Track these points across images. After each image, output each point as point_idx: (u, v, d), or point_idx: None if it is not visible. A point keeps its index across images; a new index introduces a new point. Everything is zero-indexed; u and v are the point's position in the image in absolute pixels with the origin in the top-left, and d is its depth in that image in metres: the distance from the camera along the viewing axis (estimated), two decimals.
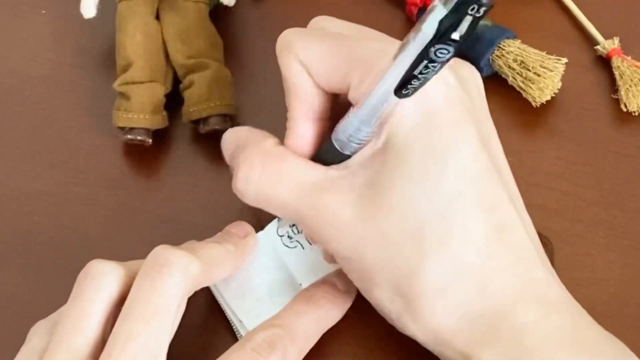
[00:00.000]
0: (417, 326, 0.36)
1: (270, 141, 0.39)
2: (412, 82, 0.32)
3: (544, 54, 0.47)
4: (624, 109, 0.47)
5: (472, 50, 0.48)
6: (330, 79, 0.38)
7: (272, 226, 0.42)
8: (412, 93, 0.33)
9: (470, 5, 0.28)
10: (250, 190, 0.38)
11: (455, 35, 0.30)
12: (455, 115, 0.36)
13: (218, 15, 0.49)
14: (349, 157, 0.37)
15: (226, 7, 0.48)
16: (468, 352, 0.35)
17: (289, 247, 0.42)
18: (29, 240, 0.45)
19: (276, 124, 0.48)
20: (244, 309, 0.40)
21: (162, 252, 0.36)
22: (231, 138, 0.42)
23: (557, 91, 0.47)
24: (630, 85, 0.47)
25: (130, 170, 0.47)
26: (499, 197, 0.36)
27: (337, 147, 0.37)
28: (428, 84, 0.33)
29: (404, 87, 0.32)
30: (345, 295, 0.40)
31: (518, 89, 0.47)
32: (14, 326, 0.39)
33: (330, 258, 0.40)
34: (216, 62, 0.47)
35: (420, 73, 0.31)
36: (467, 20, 0.29)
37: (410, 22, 0.51)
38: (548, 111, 0.47)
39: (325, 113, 0.39)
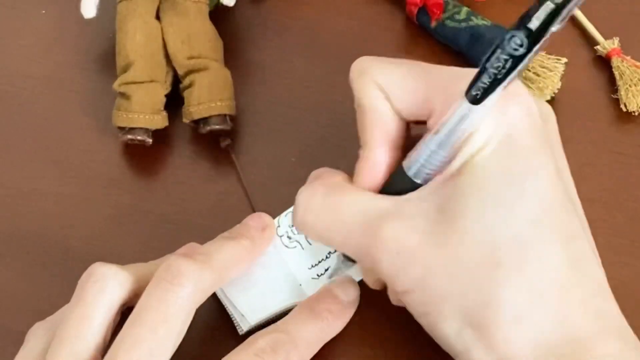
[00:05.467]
0: (490, 357, 0.34)
1: (338, 177, 0.38)
2: (482, 79, 0.31)
3: (543, 53, 0.47)
4: (624, 109, 0.47)
5: (471, 50, 0.48)
6: (411, 103, 0.36)
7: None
8: (482, 96, 0.32)
9: None
10: (309, 220, 0.37)
11: (531, 25, 0.29)
12: (536, 142, 0.35)
13: (218, 15, 0.49)
14: (418, 187, 0.36)
15: (226, 7, 0.48)
16: None
17: (288, 247, 0.42)
18: (28, 240, 0.45)
19: (276, 124, 0.48)
20: (247, 302, 0.40)
21: (175, 263, 0.36)
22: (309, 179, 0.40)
23: (556, 91, 0.47)
24: (630, 85, 0.47)
25: (130, 170, 0.47)
26: (574, 229, 0.35)
27: (409, 174, 0.36)
28: (510, 109, 0.33)
29: (473, 86, 0.32)
30: (348, 306, 0.40)
31: None
32: (14, 326, 0.39)
33: (381, 285, 0.39)
34: (216, 62, 0.47)
35: (491, 66, 0.31)
36: (546, 7, 0.29)
37: (410, 22, 0.51)
38: None
39: (400, 142, 0.38)
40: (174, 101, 0.47)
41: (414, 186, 0.36)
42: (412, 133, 0.38)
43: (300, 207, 0.38)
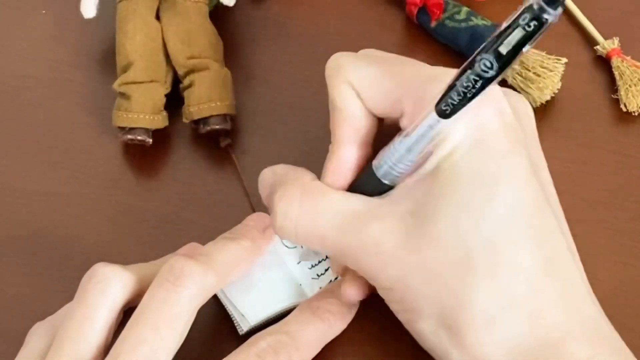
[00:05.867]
0: (464, 359, 0.34)
1: (308, 177, 0.38)
2: (451, 95, 0.32)
3: (543, 54, 0.47)
4: (624, 109, 0.47)
5: (471, 50, 0.48)
6: (382, 103, 0.37)
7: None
8: (451, 112, 0.32)
9: (522, 16, 0.28)
10: (289, 226, 0.37)
11: (502, 48, 0.29)
12: (508, 143, 0.35)
13: (218, 15, 0.49)
14: (388, 187, 0.36)
15: (226, 7, 0.48)
16: None
17: (288, 248, 0.42)
18: (29, 240, 0.44)
19: (275, 124, 0.48)
20: (247, 302, 0.40)
21: (178, 264, 0.36)
22: (267, 177, 0.40)
23: (557, 91, 0.47)
24: (630, 85, 0.47)
25: (130, 170, 0.47)
26: (549, 229, 0.35)
27: (378, 175, 0.36)
28: (482, 111, 0.33)
29: (442, 101, 0.32)
30: (349, 308, 0.40)
31: (518, 89, 0.47)
32: (15, 326, 0.39)
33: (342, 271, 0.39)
34: (216, 62, 0.47)
35: (461, 84, 0.31)
36: (518, 33, 0.29)
37: (410, 22, 0.51)
38: (548, 111, 0.47)
39: (371, 138, 0.38)
40: (174, 101, 0.47)
41: (382, 186, 0.36)
42: (384, 129, 0.38)
43: (279, 214, 0.37)
